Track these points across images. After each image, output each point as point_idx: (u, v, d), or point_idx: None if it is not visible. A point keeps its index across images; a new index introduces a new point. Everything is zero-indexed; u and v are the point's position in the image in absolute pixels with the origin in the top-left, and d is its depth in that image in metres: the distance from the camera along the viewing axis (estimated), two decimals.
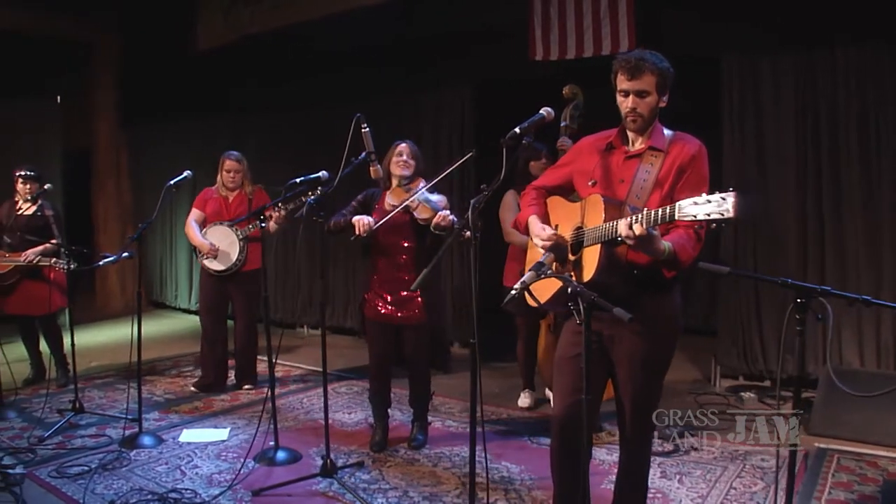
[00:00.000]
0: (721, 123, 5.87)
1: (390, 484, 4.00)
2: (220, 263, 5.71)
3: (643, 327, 2.75)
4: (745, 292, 5.82)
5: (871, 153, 5.34)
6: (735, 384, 5.94)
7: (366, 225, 4.21)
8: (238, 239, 5.67)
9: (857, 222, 5.39)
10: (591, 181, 2.99)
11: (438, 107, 7.36)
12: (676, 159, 2.85)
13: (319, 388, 5.96)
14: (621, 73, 2.85)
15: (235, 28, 7.74)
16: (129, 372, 6.41)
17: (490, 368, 6.68)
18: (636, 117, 2.86)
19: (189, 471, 4.16)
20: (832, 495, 3.75)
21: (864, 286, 5.31)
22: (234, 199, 5.84)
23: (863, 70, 5.34)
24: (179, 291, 9.59)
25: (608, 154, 3.00)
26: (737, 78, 5.81)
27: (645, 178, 2.86)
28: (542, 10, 6.35)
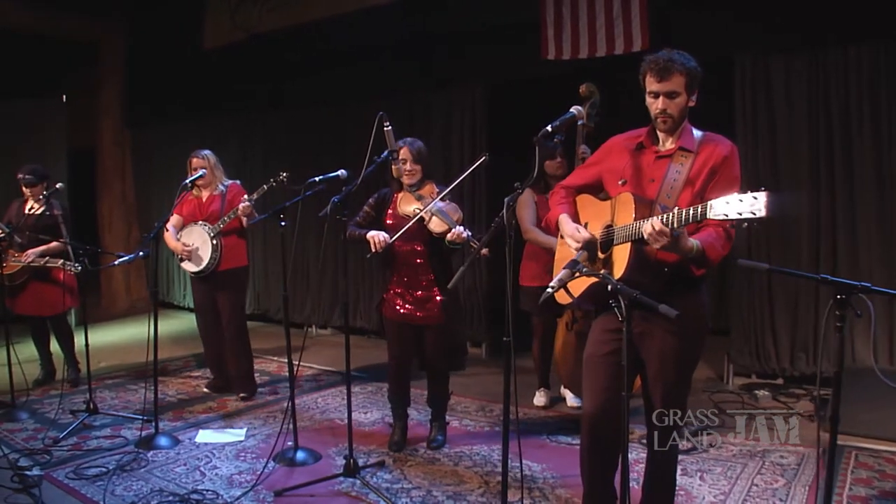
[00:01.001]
0: (734, 123, 5.86)
1: (413, 483, 3.99)
2: (194, 265, 5.49)
3: (674, 325, 2.74)
4: (757, 291, 5.83)
5: (883, 152, 5.36)
6: (748, 382, 5.95)
7: (381, 242, 4.20)
8: (210, 237, 5.41)
9: (870, 220, 5.41)
10: (621, 180, 3.01)
11: (449, 105, 7.34)
12: (708, 160, 2.87)
13: (333, 388, 5.99)
14: (650, 74, 2.85)
15: (243, 27, 7.71)
16: (139, 372, 6.44)
17: (501, 368, 6.66)
18: (666, 118, 2.87)
19: (209, 472, 4.14)
20: (853, 492, 3.75)
21: (877, 283, 5.30)
22: (207, 198, 5.59)
23: (875, 69, 5.35)
24: (187, 291, 9.55)
25: (638, 154, 3.01)
26: (749, 77, 5.80)
27: (675, 178, 2.87)
28: (555, 10, 6.33)
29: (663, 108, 2.85)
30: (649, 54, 2.94)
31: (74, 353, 5.97)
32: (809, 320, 5.70)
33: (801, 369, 5.75)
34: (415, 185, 4.39)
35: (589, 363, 3.07)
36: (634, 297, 2.39)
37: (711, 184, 2.85)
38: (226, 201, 5.53)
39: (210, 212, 5.52)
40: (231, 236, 5.51)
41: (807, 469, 4.07)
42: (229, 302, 5.60)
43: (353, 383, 6.06)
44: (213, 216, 5.49)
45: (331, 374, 6.46)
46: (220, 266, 5.46)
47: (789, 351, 5.81)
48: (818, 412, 5.07)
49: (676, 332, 2.83)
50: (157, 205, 10.05)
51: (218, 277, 5.50)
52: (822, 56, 5.52)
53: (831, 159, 5.53)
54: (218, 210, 5.50)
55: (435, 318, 4.40)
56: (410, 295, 4.40)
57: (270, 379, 6.33)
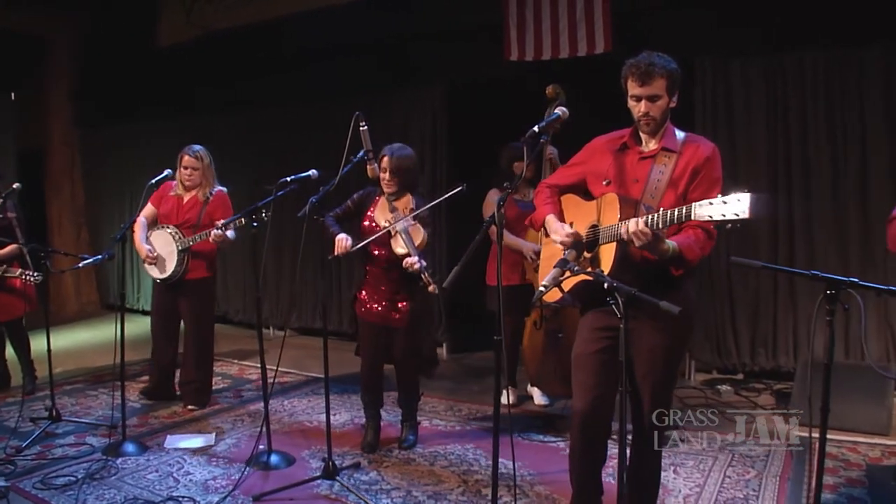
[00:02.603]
0: (694, 123, 5.98)
1: (391, 484, 3.98)
2: (158, 271, 5.24)
3: (661, 321, 2.79)
4: (717, 289, 5.96)
5: (837, 154, 5.54)
6: (710, 378, 6.08)
7: (343, 249, 4.19)
8: (177, 250, 5.13)
9: (826, 218, 5.57)
10: (605, 181, 3.05)
11: (410, 106, 7.32)
12: (691, 161, 2.92)
13: (298, 390, 5.94)
14: (632, 79, 2.90)
15: (199, 24, 7.57)
16: (97, 377, 6.29)
17: (465, 367, 6.71)
18: (649, 121, 2.93)
19: (182, 478, 4.06)
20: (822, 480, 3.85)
21: None
22: (187, 201, 5.25)
23: (830, 74, 5.53)
24: (142, 293, 9.35)
25: (622, 154, 3.05)
26: (709, 79, 5.94)
27: (659, 179, 2.93)
28: (518, 11, 6.37)
29: (646, 111, 2.91)
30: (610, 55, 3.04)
31: (31, 359, 5.80)
32: (769, 316, 5.85)
33: (761, 364, 5.90)
34: (394, 195, 4.36)
35: (578, 362, 3.10)
36: (633, 294, 2.42)
37: (694, 184, 2.91)
38: (205, 212, 5.21)
39: (186, 218, 5.21)
40: (198, 250, 5.23)
41: (775, 460, 4.18)
42: (195, 312, 5.37)
43: (319, 385, 6.07)
44: (187, 224, 5.19)
45: (294, 376, 6.38)
46: (187, 275, 5.23)
47: (749, 347, 5.96)
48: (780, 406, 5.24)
49: (664, 328, 2.88)
50: (108, 207, 9.83)
51: (184, 286, 5.26)
52: (779, 61, 5.68)
53: (788, 160, 5.69)
54: (195, 218, 5.19)
55: (405, 322, 4.40)
56: (382, 297, 4.40)
57: (233, 382, 6.24)
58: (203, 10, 7.51)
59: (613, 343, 2.95)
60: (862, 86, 5.40)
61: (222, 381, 6.18)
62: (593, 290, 2.79)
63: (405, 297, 4.39)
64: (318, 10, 7.06)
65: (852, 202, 5.45)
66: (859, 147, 5.41)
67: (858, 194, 5.42)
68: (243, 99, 8.25)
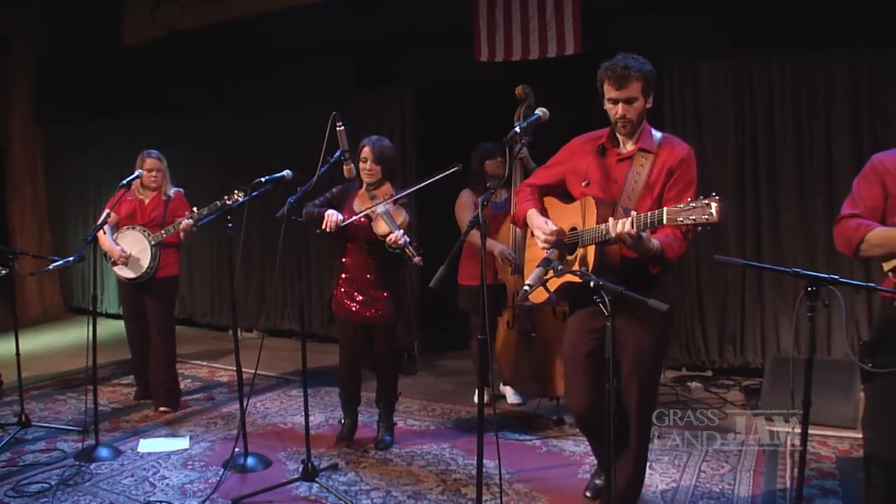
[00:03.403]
0: (663, 124, 6.06)
1: (370, 485, 3.97)
2: (131, 271, 5.21)
3: (643, 318, 2.86)
4: (686, 287, 6.05)
5: (804, 154, 5.67)
6: (679, 375, 6.16)
7: (333, 222, 4.18)
8: (150, 245, 5.18)
9: (793, 216, 5.69)
10: (584, 182, 3.12)
11: (380, 106, 7.30)
12: (667, 162, 3.01)
13: (270, 392, 5.91)
14: (608, 82, 2.98)
15: (164, 24, 7.46)
16: (64, 381, 6.19)
17: (436, 367, 6.72)
18: (626, 123, 3.01)
19: (158, 482, 4.01)
20: (794, 473, 3.93)
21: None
22: (149, 202, 5.32)
23: (797, 77, 5.65)
24: (107, 295, 9.20)
25: (601, 155, 3.12)
26: (678, 80, 6.03)
27: (636, 180, 3.01)
28: (488, 12, 6.39)
29: (623, 113, 2.98)
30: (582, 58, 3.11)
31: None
32: (736, 314, 5.95)
33: (730, 361, 6.00)
34: (373, 185, 4.37)
35: (571, 364, 3.20)
36: (620, 293, 2.46)
37: (669, 184, 3.01)
38: (168, 210, 5.30)
39: (151, 218, 5.27)
40: (167, 246, 5.29)
41: (748, 455, 4.26)
42: (160, 311, 5.36)
43: (290, 386, 6.04)
44: (154, 223, 5.25)
45: (264, 378, 6.32)
46: (158, 273, 5.24)
47: (717, 344, 6.06)
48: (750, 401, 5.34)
49: (647, 325, 2.96)
50: (72, 207, 9.65)
51: (153, 286, 5.26)
52: (747, 63, 5.79)
53: (756, 160, 5.81)
54: (160, 217, 5.27)
55: (383, 319, 4.40)
56: (359, 293, 4.39)
57: (203, 385, 6.18)
58: (169, 10, 7.41)
59: (602, 343, 2.99)
60: (828, 88, 5.53)
61: (192, 384, 6.13)
62: (579, 290, 2.84)
63: (384, 293, 4.40)
64: (287, 11, 7.00)
65: (819, 202, 5.57)
66: (825, 148, 5.54)
67: (824, 194, 5.55)
68: (210, 100, 8.18)
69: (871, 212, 2.55)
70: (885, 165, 2.57)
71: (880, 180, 2.55)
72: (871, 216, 2.54)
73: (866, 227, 2.50)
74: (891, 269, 2.46)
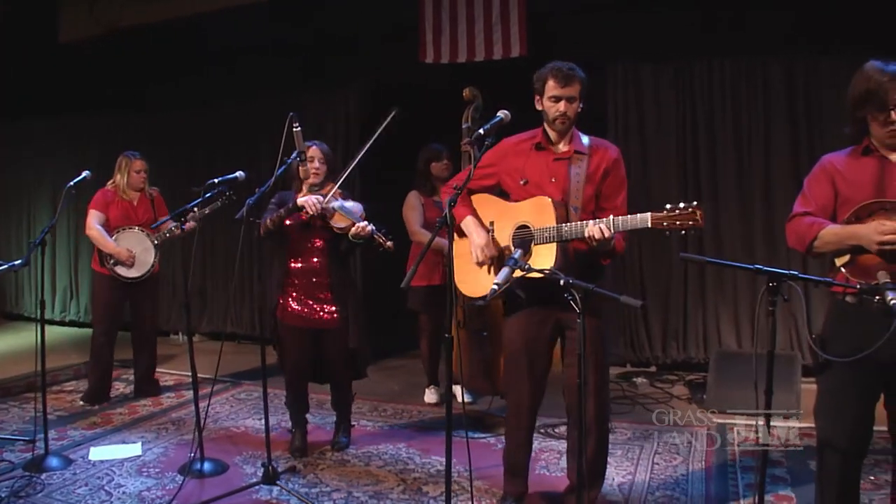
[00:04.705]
0: (606, 126, 6.21)
1: (331, 486, 3.96)
2: (136, 271, 5.50)
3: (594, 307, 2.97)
4: (629, 284, 6.20)
5: (743, 154, 5.89)
6: (624, 371, 6.31)
7: (316, 204, 4.10)
8: (153, 245, 5.51)
9: (732, 215, 5.90)
10: (522, 180, 3.27)
11: (324, 107, 7.27)
12: (601, 162, 3.25)
13: (217, 396, 5.80)
14: (554, 80, 3.16)
15: (103, 21, 7.26)
16: (4, 390, 5.98)
17: (384, 368, 6.72)
18: (565, 120, 3.20)
19: (115, 490, 3.91)
20: (744, 462, 4.11)
21: (741, 275, 5.84)
22: (138, 203, 5.62)
23: (736, 80, 5.87)
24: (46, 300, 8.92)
25: (536, 154, 3.29)
26: (621, 83, 6.18)
27: (578, 180, 3.21)
28: (434, 14, 6.42)
29: (564, 111, 3.18)
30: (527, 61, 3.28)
31: None
32: (679, 310, 6.13)
33: (673, 356, 6.19)
34: (317, 185, 4.35)
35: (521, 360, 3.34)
36: (591, 290, 2.54)
37: (605, 183, 3.24)
38: (155, 208, 5.65)
39: (146, 218, 5.59)
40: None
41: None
42: (151, 305, 5.80)
43: (237, 389, 5.99)
44: (148, 223, 5.55)
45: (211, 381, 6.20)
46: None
47: (661, 340, 6.23)
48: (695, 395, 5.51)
49: (598, 313, 3.10)
50: (5, 209, 9.32)
51: (146, 283, 5.60)
52: (689, 66, 5.98)
53: (697, 161, 6.01)
54: (151, 218, 5.58)
55: (335, 321, 4.36)
56: (310, 298, 4.33)
57: None
58: (108, 6, 7.22)
59: (549, 334, 3.31)
60: (766, 90, 5.76)
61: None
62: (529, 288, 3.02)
63: (334, 294, 4.35)
64: (229, 10, 6.90)
65: (757, 199, 5.80)
66: (763, 149, 5.77)
67: (763, 193, 5.78)
68: (149, 99, 8.00)
69: (822, 210, 2.68)
70: (835, 166, 2.70)
71: (830, 180, 2.68)
72: (822, 214, 2.67)
73: (819, 225, 2.62)
74: (843, 265, 2.59)
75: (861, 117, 2.63)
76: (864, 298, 2.54)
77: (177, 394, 5.89)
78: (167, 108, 7.98)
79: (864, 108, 2.59)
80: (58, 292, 8.88)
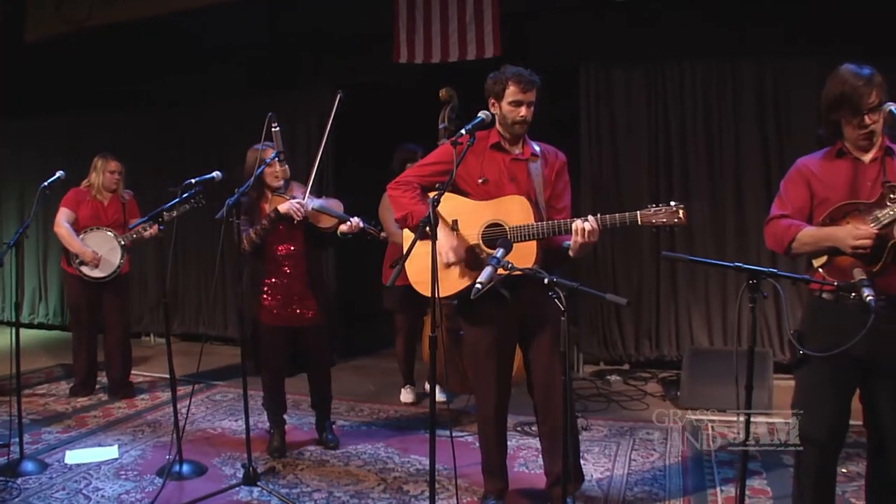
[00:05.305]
0: (579, 126, 6.28)
1: (311, 486, 3.97)
2: (101, 271, 5.51)
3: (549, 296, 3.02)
4: (602, 283, 6.27)
5: (714, 155, 5.99)
6: (598, 369, 6.40)
7: (300, 209, 4.12)
8: (120, 245, 5.51)
9: (704, 214, 5.98)
10: (481, 179, 3.34)
11: (297, 108, 7.24)
12: (553, 165, 3.41)
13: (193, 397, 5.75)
14: (515, 85, 3.26)
15: (70, 20, 7.16)
16: None
17: (358, 368, 6.72)
18: (524, 124, 3.32)
19: (93, 494, 3.88)
20: (719, 457, 4.18)
21: (713, 272, 5.94)
22: (109, 204, 5.63)
23: (707, 82, 5.97)
24: (6, 304, 8.78)
25: (493, 154, 3.37)
26: (593, 84, 6.25)
27: (538, 181, 3.34)
28: (408, 14, 6.43)
29: (525, 115, 3.28)
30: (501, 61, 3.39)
31: None
32: (652, 309, 6.21)
33: (646, 354, 6.27)
34: (282, 188, 4.33)
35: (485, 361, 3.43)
36: (576, 289, 2.57)
37: (556, 184, 3.40)
38: (126, 212, 5.66)
39: (115, 219, 5.60)
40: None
41: (673, 442, 4.48)
42: (121, 307, 5.75)
43: (212, 391, 5.96)
44: (117, 224, 5.59)
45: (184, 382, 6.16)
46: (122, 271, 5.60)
47: (634, 338, 6.31)
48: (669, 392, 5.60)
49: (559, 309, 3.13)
50: None
51: (114, 283, 5.60)
52: (660, 68, 6.06)
53: (669, 162, 6.09)
54: (120, 219, 5.60)
55: (314, 319, 4.38)
56: (290, 297, 4.34)
57: None
58: (75, 6, 7.12)
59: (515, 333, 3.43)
60: (736, 92, 5.87)
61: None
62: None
63: (313, 292, 4.38)
64: (201, 10, 6.83)
65: (728, 199, 5.91)
66: (734, 148, 5.88)
67: (733, 193, 5.89)
68: (117, 99, 7.90)
69: (799, 212, 2.75)
70: (810, 168, 2.77)
71: (806, 182, 2.76)
72: (798, 216, 2.75)
73: (797, 227, 2.70)
74: (820, 265, 2.66)
75: (835, 120, 2.70)
76: (840, 295, 2.62)
77: (151, 395, 5.85)
78: (136, 108, 7.90)
79: (838, 111, 2.66)
80: (26, 294, 8.74)
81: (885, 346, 2.56)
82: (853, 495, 3.57)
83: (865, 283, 2.45)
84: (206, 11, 6.69)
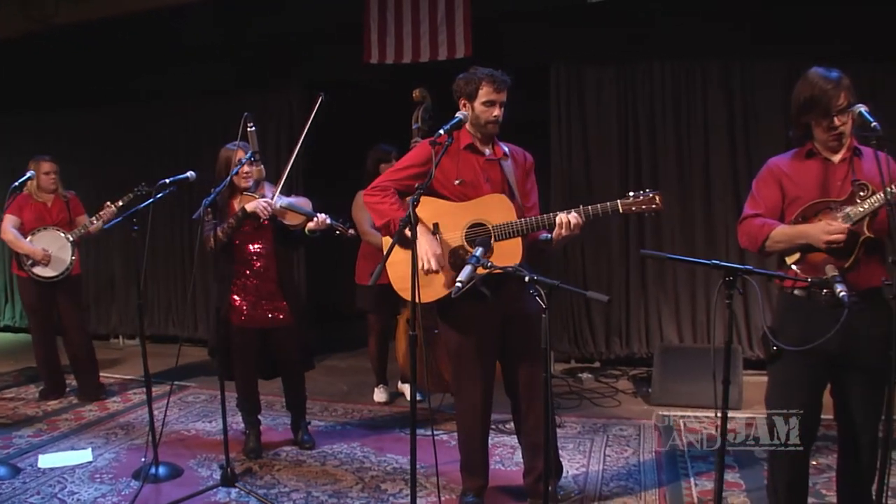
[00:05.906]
0: (550, 125, 6.34)
1: (289, 486, 3.97)
2: (52, 270, 5.47)
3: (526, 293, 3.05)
4: (572, 281, 6.33)
5: (683, 154, 6.08)
6: (569, 367, 6.46)
7: (267, 208, 4.09)
8: (69, 242, 5.50)
9: (673, 213, 6.06)
10: (457, 180, 3.38)
11: (266, 108, 7.18)
12: (523, 164, 3.50)
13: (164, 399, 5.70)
14: (489, 85, 3.31)
15: (38, 18, 7.04)
16: None
17: (331, 368, 6.71)
18: (496, 125, 3.38)
19: (68, 498, 3.84)
20: (692, 451, 4.24)
21: (681, 270, 6.04)
22: (53, 204, 5.60)
23: (677, 82, 6.06)
24: None
25: (466, 155, 3.41)
26: (564, 84, 6.30)
27: (512, 180, 3.41)
28: (379, 14, 6.41)
29: (498, 115, 3.34)
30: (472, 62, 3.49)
31: None
32: (622, 306, 6.29)
33: (616, 352, 6.34)
34: (252, 188, 4.31)
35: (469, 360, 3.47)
36: (557, 286, 2.61)
37: (526, 184, 3.49)
38: (70, 209, 5.63)
39: (60, 219, 5.57)
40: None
41: (646, 438, 4.55)
42: (78, 308, 5.75)
43: (184, 392, 5.91)
44: (63, 223, 5.55)
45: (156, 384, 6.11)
46: (73, 271, 5.56)
47: (604, 336, 6.38)
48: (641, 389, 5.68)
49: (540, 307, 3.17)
50: None
51: (66, 284, 5.56)
52: (630, 68, 6.14)
53: (639, 160, 6.18)
54: (66, 218, 5.58)
55: (285, 320, 4.37)
56: (260, 298, 4.33)
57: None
58: (41, 5, 7.00)
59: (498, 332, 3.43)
60: (705, 92, 5.97)
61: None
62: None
63: (284, 292, 4.38)
64: (170, 9, 6.76)
65: (697, 199, 6.01)
66: (702, 147, 5.98)
67: (702, 191, 6.00)
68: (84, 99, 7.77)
69: (771, 210, 2.82)
70: (781, 168, 2.84)
71: (777, 182, 2.83)
72: (770, 215, 2.82)
73: (770, 226, 2.77)
74: (793, 262, 2.73)
75: (805, 122, 2.77)
76: (812, 291, 2.69)
77: (123, 398, 5.80)
78: (102, 108, 7.78)
79: (808, 113, 2.73)
80: None
81: (856, 341, 2.63)
82: (823, 487, 3.67)
83: (838, 279, 2.53)
84: (173, 11, 6.64)
